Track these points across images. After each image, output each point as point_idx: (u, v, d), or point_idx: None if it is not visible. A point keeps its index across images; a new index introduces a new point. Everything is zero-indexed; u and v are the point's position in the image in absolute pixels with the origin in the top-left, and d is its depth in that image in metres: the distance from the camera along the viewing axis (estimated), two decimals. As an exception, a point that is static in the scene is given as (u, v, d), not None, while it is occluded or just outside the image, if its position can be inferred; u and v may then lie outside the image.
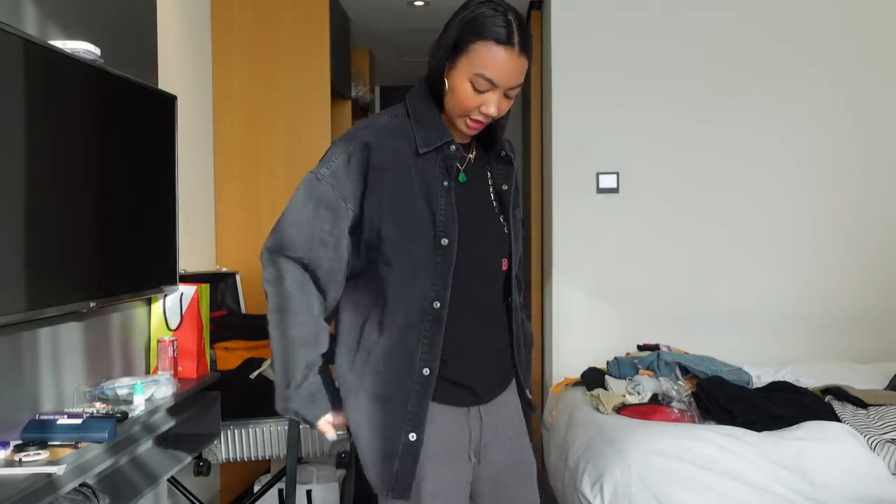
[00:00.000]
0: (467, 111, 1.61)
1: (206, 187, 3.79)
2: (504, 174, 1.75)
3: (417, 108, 1.66)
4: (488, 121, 1.63)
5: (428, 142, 1.63)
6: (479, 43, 1.57)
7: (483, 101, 1.59)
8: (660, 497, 2.52)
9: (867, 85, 4.13)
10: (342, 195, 1.62)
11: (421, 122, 1.65)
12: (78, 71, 2.12)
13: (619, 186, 4.12)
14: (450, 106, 1.63)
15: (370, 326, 1.65)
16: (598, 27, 4.16)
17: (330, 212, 1.63)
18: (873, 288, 4.10)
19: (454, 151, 1.65)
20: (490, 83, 1.58)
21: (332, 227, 1.63)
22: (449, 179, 1.64)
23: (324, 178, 1.64)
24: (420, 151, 1.62)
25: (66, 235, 2.07)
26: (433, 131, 1.64)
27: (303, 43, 3.93)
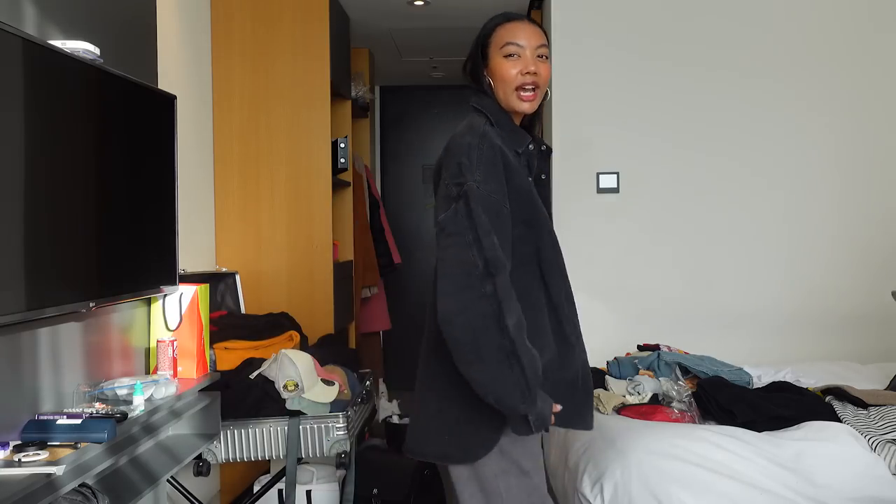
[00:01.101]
0: (514, 81, 1.85)
1: (206, 187, 3.79)
2: (545, 165, 1.98)
3: (495, 116, 1.89)
4: (535, 83, 1.86)
5: (519, 144, 1.88)
6: (495, 30, 1.90)
7: (522, 64, 1.85)
8: (660, 497, 2.51)
9: (869, 85, 4.13)
10: (503, 199, 1.79)
11: (503, 127, 1.88)
12: (77, 71, 2.12)
13: (619, 186, 4.12)
14: (501, 92, 1.88)
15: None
16: (597, 27, 4.16)
17: (498, 218, 1.76)
18: (874, 288, 4.09)
19: (532, 150, 1.92)
20: (517, 45, 1.86)
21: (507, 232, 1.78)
22: (530, 173, 1.90)
23: (480, 187, 1.75)
24: (519, 151, 1.87)
25: (66, 235, 2.07)
26: (516, 134, 1.90)
27: (303, 43, 3.93)
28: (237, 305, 3.60)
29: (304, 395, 2.78)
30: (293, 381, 2.76)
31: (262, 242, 3.92)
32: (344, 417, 2.80)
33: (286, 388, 2.76)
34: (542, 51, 1.88)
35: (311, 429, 2.78)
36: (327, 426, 2.78)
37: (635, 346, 3.74)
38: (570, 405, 1.88)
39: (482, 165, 1.76)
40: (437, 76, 6.48)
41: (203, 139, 3.76)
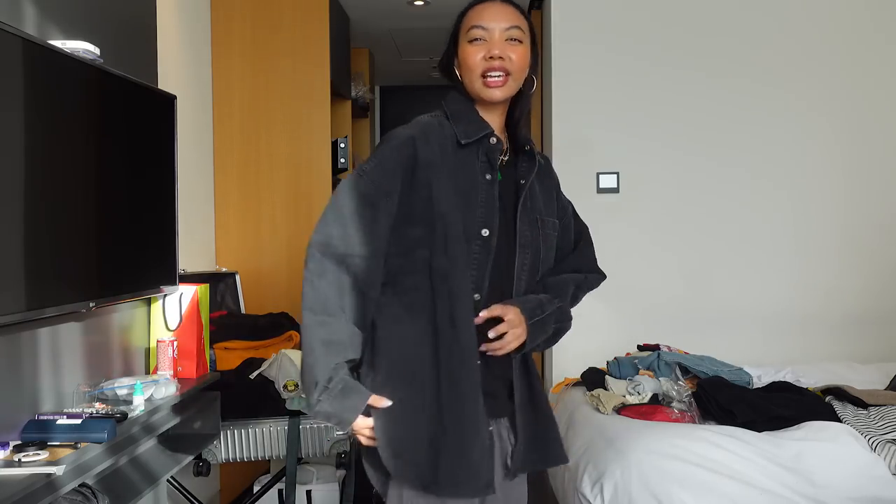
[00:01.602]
0: (478, 67, 1.66)
1: (206, 187, 3.79)
2: (526, 169, 1.74)
3: (454, 107, 1.71)
4: (503, 69, 1.65)
5: (468, 134, 1.67)
6: (464, 16, 1.72)
7: (487, 49, 1.65)
8: (660, 497, 2.51)
9: (873, 86, 4.13)
10: (385, 191, 1.62)
11: (459, 118, 1.69)
12: (77, 71, 2.12)
13: (619, 186, 4.12)
14: (468, 81, 1.69)
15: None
16: (597, 27, 4.16)
17: (371, 208, 1.62)
18: (874, 288, 4.10)
19: (495, 144, 1.69)
20: (482, 28, 1.66)
21: (373, 225, 1.61)
22: (492, 172, 1.68)
23: (366, 174, 1.64)
24: (462, 142, 1.66)
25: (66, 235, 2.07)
26: (472, 125, 1.68)
27: (303, 43, 3.93)
28: (237, 305, 3.60)
29: (304, 395, 2.78)
30: (293, 381, 2.76)
31: (262, 242, 3.92)
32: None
33: (286, 388, 2.76)
34: (514, 33, 1.68)
35: (311, 429, 2.78)
36: (327, 426, 2.78)
37: (635, 346, 3.75)
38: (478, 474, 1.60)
39: (382, 154, 1.65)
40: (437, 76, 6.46)
41: (203, 139, 3.76)
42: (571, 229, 1.89)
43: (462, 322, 1.61)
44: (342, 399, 1.58)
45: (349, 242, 1.61)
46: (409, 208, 1.63)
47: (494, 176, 1.68)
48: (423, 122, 1.70)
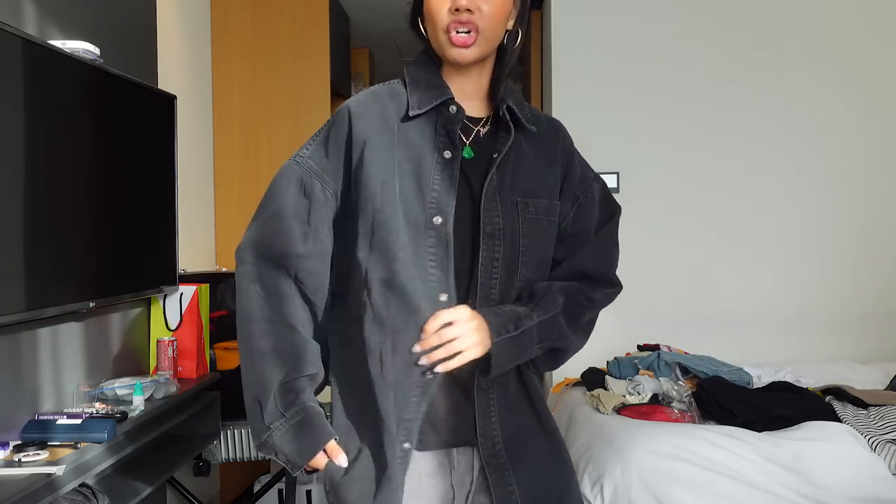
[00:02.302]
0: (443, 20, 1.35)
1: (206, 187, 3.79)
2: (501, 141, 1.41)
3: (414, 73, 1.44)
4: (472, 24, 1.34)
5: (422, 103, 1.37)
6: None
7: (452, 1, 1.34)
8: (660, 497, 2.51)
9: (873, 84, 4.12)
10: (320, 178, 1.37)
11: (417, 84, 1.41)
12: (78, 71, 2.12)
13: (619, 186, 4.12)
14: (431, 35, 1.40)
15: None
16: (598, 27, 4.16)
17: (308, 199, 1.37)
18: (874, 288, 4.10)
19: (455, 113, 1.38)
20: None
21: (311, 217, 1.37)
22: (452, 149, 1.36)
23: (302, 161, 1.40)
24: (411, 114, 1.37)
25: (66, 235, 2.07)
26: (429, 92, 1.39)
27: (303, 43, 3.93)
28: (237, 305, 3.59)
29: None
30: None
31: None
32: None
33: (286, 388, 2.76)
34: None
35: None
36: (327, 426, 2.78)
37: (635, 346, 3.75)
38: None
39: (320, 135, 1.41)
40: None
41: (203, 139, 3.76)
42: (593, 214, 1.54)
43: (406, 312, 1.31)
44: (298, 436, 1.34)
45: (287, 240, 1.37)
46: (347, 199, 1.38)
47: (456, 153, 1.36)
48: (370, 91, 1.43)
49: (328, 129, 1.40)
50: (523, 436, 1.40)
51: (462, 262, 1.35)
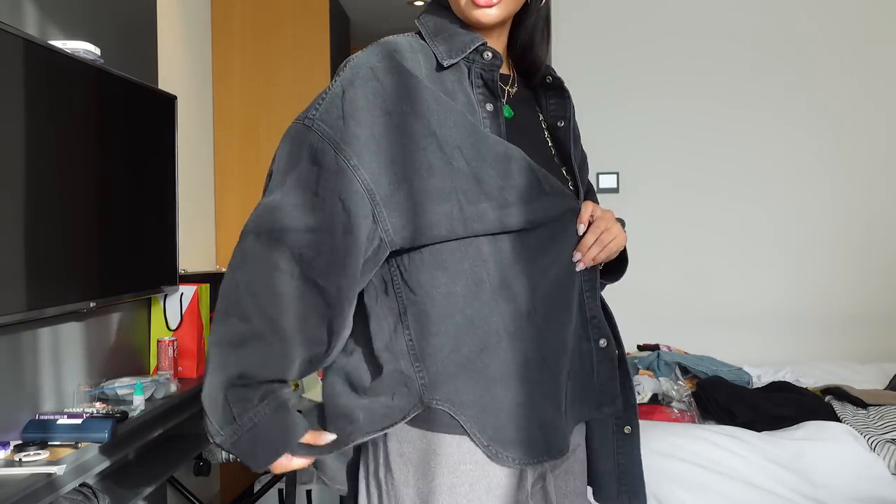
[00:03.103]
0: None
1: (206, 187, 3.79)
2: (557, 107, 1.35)
3: (432, 21, 1.24)
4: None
5: (452, 52, 1.19)
6: None
7: None
8: (660, 497, 2.52)
9: (873, 85, 4.13)
10: (339, 146, 1.14)
11: (439, 33, 1.22)
12: (78, 71, 2.12)
13: (619, 186, 4.12)
14: (453, 1, 1.23)
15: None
16: (598, 27, 4.16)
17: (322, 168, 1.15)
18: (874, 288, 4.10)
19: (491, 59, 1.21)
20: None
21: (326, 191, 1.14)
22: (494, 101, 1.21)
23: (314, 124, 1.17)
24: (444, 64, 1.18)
25: (67, 235, 2.07)
26: (457, 40, 1.21)
27: (303, 43, 3.93)
28: (237, 305, 3.60)
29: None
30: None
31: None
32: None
33: (286, 387, 2.76)
34: None
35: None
36: (327, 426, 2.78)
37: (635, 346, 3.75)
38: None
39: (332, 93, 1.17)
40: None
41: (203, 139, 3.76)
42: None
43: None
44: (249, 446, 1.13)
45: (285, 214, 1.13)
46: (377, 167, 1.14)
47: (498, 107, 1.21)
48: (385, 43, 1.20)
49: (341, 88, 1.17)
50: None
51: None
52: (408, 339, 1.16)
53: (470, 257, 1.15)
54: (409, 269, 1.17)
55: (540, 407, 1.17)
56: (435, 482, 1.15)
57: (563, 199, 1.20)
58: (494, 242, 1.16)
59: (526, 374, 1.16)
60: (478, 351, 1.15)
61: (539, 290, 1.17)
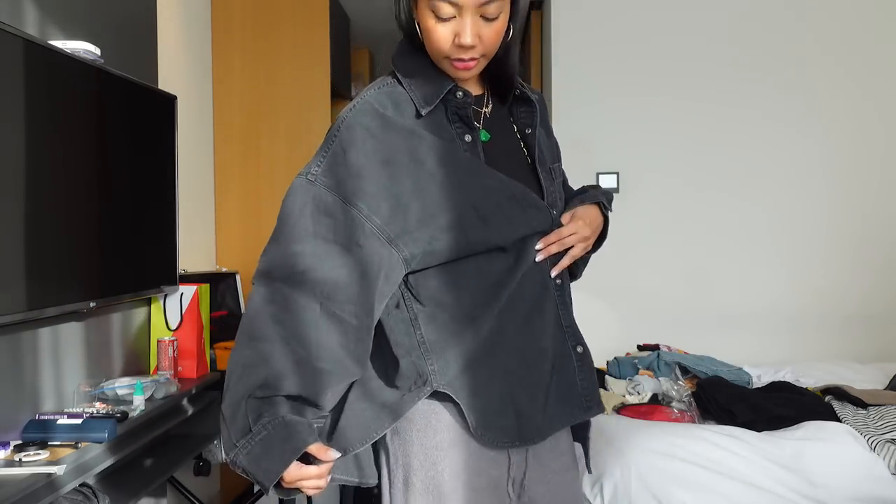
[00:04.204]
0: (444, 50, 1.30)
1: (206, 187, 3.79)
2: (526, 116, 1.45)
3: (405, 66, 1.36)
4: (475, 54, 1.31)
5: (428, 98, 1.33)
6: None
7: (454, 30, 1.28)
8: (660, 497, 2.52)
9: (873, 85, 4.13)
10: (349, 199, 1.28)
11: (413, 78, 1.35)
12: (78, 71, 2.12)
13: (619, 186, 4.12)
14: (430, 52, 1.34)
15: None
16: (598, 27, 4.16)
17: (332, 219, 1.28)
18: (874, 288, 4.10)
19: (462, 97, 1.35)
20: (450, 4, 1.27)
21: (336, 237, 1.28)
22: (471, 132, 1.35)
23: (317, 179, 1.30)
24: (422, 113, 1.32)
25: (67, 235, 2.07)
26: (430, 85, 1.34)
27: (303, 43, 3.93)
28: (237, 305, 3.60)
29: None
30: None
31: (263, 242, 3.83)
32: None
33: (286, 387, 2.76)
34: (492, 9, 1.28)
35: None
36: (327, 426, 2.78)
37: (635, 346, 3.75)
38: None
39: (331, 151, 1.31)
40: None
41: (203, 139, 3.76)
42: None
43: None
44: (262, 452, 1.21)
45: (303, 259, 1.28)
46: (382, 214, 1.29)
47: (475, 136, 1.35)
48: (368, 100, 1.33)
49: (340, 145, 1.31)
50: None
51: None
52: (419, 338, 1.34)
53: (469, 272, 1.34)
54: (416, 286, 1.34)
55: (517, 400, 1.35)
56: (437, 437, 1.34)
57: (537, 213, 1.37)
58: (487, 258, 1.34)
59: (508, 368, 1.35)
60: (473, 350, 1.33)
61: (520, 295, 1.36)
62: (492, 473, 1.35)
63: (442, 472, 1.33)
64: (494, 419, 1.34)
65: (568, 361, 1.41)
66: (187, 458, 2.55)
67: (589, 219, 1.45)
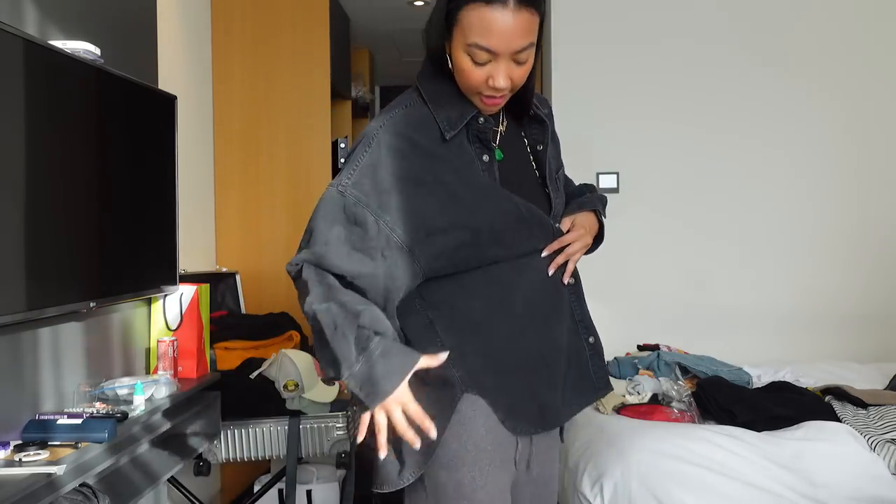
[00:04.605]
0: (476, 88, 1.43)
1: (206, 187, 3.79)
2: (538, 133, 1.58)
3: (431, 88, 1.49)
4: (505, 94, 1.44)
5: (452, 123, 1.46)
6: (466, 9, 1.38)
7: (489, 73, 1.40)
8: (660, 497, 2.52)
9: (869, 85, 4.13)
10: (377, 212, 1.42)
11: (438, 102, 1.47)
12: (78, 71, 2.12)
13: (619, 186, 4.12)
14: (460, 84, 1.46)
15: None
16: (597, 27, 4.16)
17: (362, 228, 1.42)
18: (873, 288, 4.10)
19: (484, 123, 1.48)
20: (488, 52, 1.38)
21: (367, 244, 1.43)
22: (489, 152, 1.49)
23: (346, 191, 1.43)
24: (447, 137, 1.45)
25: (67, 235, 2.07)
26: (454, 110, 1.46)
27: (303, 43, 3.93)
28: (237, 305, 3.60)
29: (304, 394, 2.78)
30: (293, 380, 2.76)
31: (262, 242, 3.92)
32: (344, 417, 2.80)
33: (286, 387, 2.76)
34: (524, 55, 1.40)
35: (311, 428, 2.78)
36: (328, 426, 2.78)
37: (635, 346, 3.75)
38: None
39: (361, 166, 1.44)
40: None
41: (203, 139, 3.76)
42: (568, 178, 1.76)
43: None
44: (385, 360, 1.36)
45: (336, 261, 1.42)
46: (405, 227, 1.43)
47: (492, 156, 1.49)
48: (397, 119, 1.47)
49: (370, 159, 1.44)
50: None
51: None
52: (440, 346, 1.47)
53: (482, 279, 1.49)
54: (430, 297, 1.50)
55: (540, 393, 1.53)
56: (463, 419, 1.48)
57: (541, 230, 1.52)
58: (499, 266, 1.49)
59: (529, 368, 1.51)
60: (494, 350, 1.50)
61: (535, 301, 1.52)
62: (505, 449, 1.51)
63: (465, 443, 1.47)
64: (521, 413, 1.51)
65: (581, 352, 1.58)
66: (187, 458, 2.55)
67: (588, 225, 1.61)
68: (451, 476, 1.47)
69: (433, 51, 1.48)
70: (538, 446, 1.58)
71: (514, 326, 1.50)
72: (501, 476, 1.50)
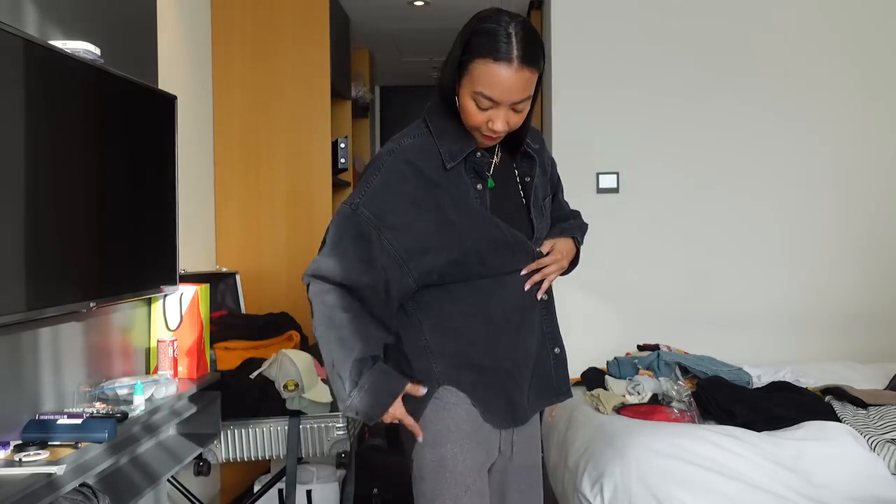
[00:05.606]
0: (477, 127, 1.64)
1: (206, 187, 3.79)
2: (527, 167, 1.78)
3: (437, 123, 1.70)
4: (502, 133, 1.65)
5: (453, 155, 1.67)
6: (476, 62, 1.59)
7: (489, 117, 1.62)
8: (660, 497, 2.52)
9: (869, 85, 4.13)
10: (381, 230, 1.65)
11: (442, 136, 1.69)
12: (78, 71, 2.12)
13: (619, 186, 4.13)
14: (464, 121, 1.67)
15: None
16: (597, 27, 4.16)
17: (368, 242, 1.65)
18: (873, 288, 4.10)
19: (480, 157, 1.71)
20: (491, 100, 1.59)
21: (371, 256, 1.66)
22: (482, 182, 1.71)
23: (358, 209, 1.66)
24: (447, 167, 1.67)
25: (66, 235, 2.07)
26: (455, 144, 1.68)
27: (303, 43, 3.93)
28: (237, 305, 3.60)
29: (304, 394, 2.78)
30: (293, 380, 2.76)
31: (262, 242, 3.92)
32: (344, 417, 2.80)
33: (286, 387, 2.76)
34: (522, 105, 1.62)
35: (311, 428, 2.78)
36: (327, 426, 2.78)
37: (635, 346, 3.75)
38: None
39: (372, 187, 1.67)
40: (438, 76, 6.48)
41: (203, 139, 3.76)
42: (560, 199, 1.97)
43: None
44: (372, 393, 1.65)
45: (344, 271, 1.66)
46: (407, 243, 1.66)
47: (485, 185, 1.71)
48: (406, 148, 1.69)
49: (381, 182, 1.67)
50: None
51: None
52: (424, 343, 1.73)
53: (467, 289, 1.71)
54: (420, 300, 1.72)
55: (510, 393, 1.76)
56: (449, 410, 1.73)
57: (523, 254, 1.73)
58: (483, 280, 1.71)
59: (503, 370, 1.74)
60: (472, 354, 1.73)
61: (511, 312, 1.74)
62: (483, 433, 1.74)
63: (448, 424, 1.71)
64: (495, 409, 1.75)
65: (546, 360, 1.81)
66: (187, 458, 2.55)
67: (566, 251, 1.81)
68: (435, 452, 1.71)
69: (444, 89, 1.68)
70: (519, 436, 1.81)
71: (491, 333, 1.72)
72: (478, 454, 1.73)
